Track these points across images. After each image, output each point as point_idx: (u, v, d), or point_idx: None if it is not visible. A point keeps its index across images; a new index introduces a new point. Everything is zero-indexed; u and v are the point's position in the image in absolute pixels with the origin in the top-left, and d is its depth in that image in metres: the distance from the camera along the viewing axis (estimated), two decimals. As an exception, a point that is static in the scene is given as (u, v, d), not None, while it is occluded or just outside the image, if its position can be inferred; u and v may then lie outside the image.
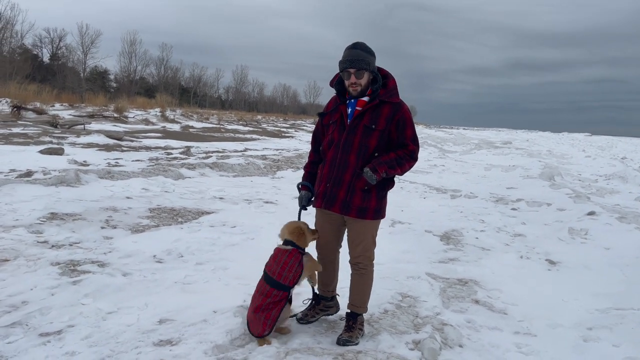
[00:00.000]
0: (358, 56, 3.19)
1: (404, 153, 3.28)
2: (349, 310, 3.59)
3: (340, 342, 3.40)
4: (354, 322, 3.53)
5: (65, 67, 60.49)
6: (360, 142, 3.28)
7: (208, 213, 7.41)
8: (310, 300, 3.82)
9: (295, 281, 3.38)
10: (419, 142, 3.44)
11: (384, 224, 7.22)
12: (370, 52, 3.26)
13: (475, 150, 28.47)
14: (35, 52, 60.55)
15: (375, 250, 5.71)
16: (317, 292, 3.77)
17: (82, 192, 7.67)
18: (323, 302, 3.76)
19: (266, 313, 3.29)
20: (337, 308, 3.86)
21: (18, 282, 4.15)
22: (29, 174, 8.61)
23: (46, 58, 63.33)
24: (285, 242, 3.48)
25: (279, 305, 3.32)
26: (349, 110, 3.35)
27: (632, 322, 4.12)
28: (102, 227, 6.06)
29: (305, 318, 3.73)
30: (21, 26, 57.78)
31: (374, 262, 3.61)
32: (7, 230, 5.44)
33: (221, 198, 8.74)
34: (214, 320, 3.67)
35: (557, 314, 4.39)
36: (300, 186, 3.69)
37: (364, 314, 3.64)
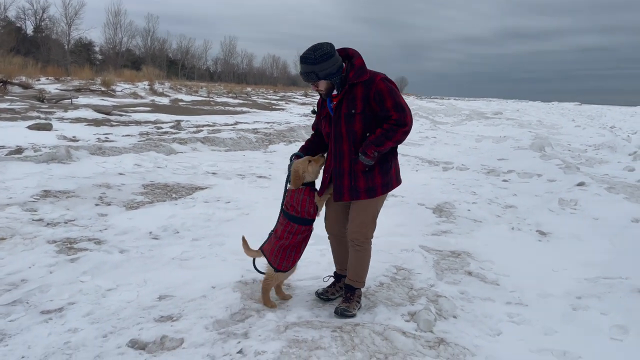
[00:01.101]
0: (304, 70, 3.26)
1: (389, 125, 3.25)
2: (347, 283, 3.66)
3: (338, 311, 3.50)
4: (351, 295, 3.61)
5: (49, 39, 59.07)
6: (347, 130, 3.32)
7: (202, 189, 7.42)
8: (330, 277, 3.90)
9: (316, 212, 3.59)
10: (407, 107, 3.34)
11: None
12: (317, 61, 3.20)
13: (467, 121, 28.50)
14: (19, 25, 59.04)
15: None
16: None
17: (73, 168, 7.63)
18: (343, 280, 3.80)
19: (296, 249, 3.57)
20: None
21: (16, 260, 4.18)
22: (19, 150, 8.52)
23: (30, 30, 61.81)
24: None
25: (306, 240, 3.63)
26: (329, 105, 3.45)
27: (620, 290, 4.24)
28: (97, 204, 6.06)
29: (326, 294, 3.79)
30: (3, -1, 56.04)
31: (372, 240, 3.65)
32: (1, 208, 5.42)
33: (214, 173, 8.73)
34: (213, 296, 3.73)
35: (548, 284, 4.50)
36: (293, 157, 3.72)
37: (361, 288, 3.71)
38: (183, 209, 6.17)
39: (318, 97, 3.59)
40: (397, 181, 3.58)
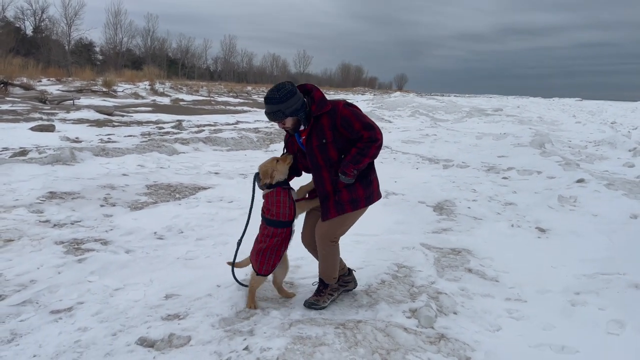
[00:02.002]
0: (271, 110, 3.34)
1: (363, 144, 3.40)
2: (320, 277, 3.77)
3: (306, 304, 3.66)
4: (323, 288, 3.74)
5: (49, 39, 59.08)
6: (323, 159, 3.44)
7: (204, 188, 7.50)
8: (316, 283, 3.96)
9: (294, 214, 3.60)
10: (375, 124, 3.48)
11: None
12: (282, 100, 3.30)
13: (467, 118, 28.51)
14: (18, 25, 59.05)
15: (370, 222, 5.84)
16: None
17: (78, 170, 7.71)
18: (341, 278, 3.89)
19: (275, 252, 3.57)
20: (355, 283, 4.02)
21: (24, 261, 4.26)
22: (23, 152, 8.61)
23: (29, 31, 61.83)
24: (268, 186, 3.61)
25: (285, 243, 3.61)
26: (299, 142, 3.57)
27: (618, 286, 4.32)
28: (102, 205, 6.14)
29: (318, 303, 3.79)
30: (2, -1, 56.07)
31: (338, 241, 3.69)
32: (8, 210, 5.51)
33: (216, 173, 8.81)
34: (218, 294, 3.81)
35: (546, 280, 4.58)
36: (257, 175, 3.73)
37: (335, 283, 3.79)
38: (187, 209, 6.25)
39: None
40: (378, 195, 3.67)
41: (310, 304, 3.65)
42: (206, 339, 3.13)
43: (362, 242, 5.26)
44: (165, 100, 28.48)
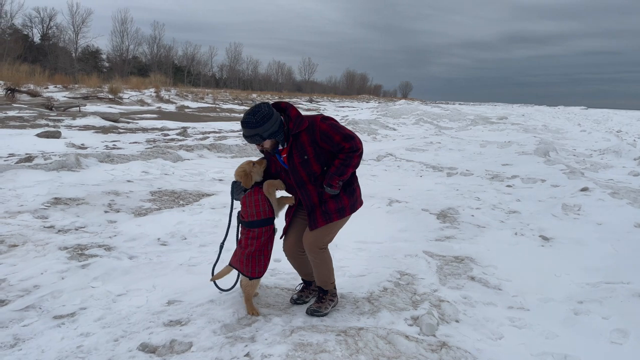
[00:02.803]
0: (249, 134, 3.37)
1: (345, 155, 3.44)
2: (318, 285, 3.78)
3: (309, 311, 3.66)
4: (323, 295, 3.75)
5: (56, 47, 59.73)
6: (307, 174, 3.48)
7: (208, 195, 7.53)
8: (301, 285, 4.01)
9: (272, 209, 3.61)
10: (354, 133, 3.53)
11: (381, 203, 7.39)
12: (259, 124, 3.32)
13: (471, 126, 28.52)
14: (26, 33, 59.70)
15: (373, 230, 5.84)
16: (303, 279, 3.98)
17: (83, 176, 7.76)
18: (314, 283, 3.93)
19: (263, 252, 3.59)
20: (337, 299, 3.91)
21: (28, 266, 4.29)
22: (29, 158, 8.67)
23: (37, 38, 62.50)
24: (244, 190, 3.66)
25: (271, 241, 3.64)
26: (280, 160, 3.60)
27: (621, 295, 4.30)
28: (106, 211, 6.18)
29: (301, 298, 3.90)
30: (10, 6, 56.84)
31: (327, 247, 3.71)
32: (13, 215, 5.55)
33: (220, 180, 8.85)
34: (220, 301, 3.81)
35: (550, 288, 4.56)
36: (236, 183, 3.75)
37: (334, 289, 3.80)
38: (190, 216, 6.27)
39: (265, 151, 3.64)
40: (360, 202, 3.72)
41: (312, 312, 3.65)
42: (208, 345, 3.14)
43: (365, 250, 5.27)
44: (171, 108, 28.63)
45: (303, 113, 3.54)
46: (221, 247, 3.86)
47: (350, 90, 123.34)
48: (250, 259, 3.58)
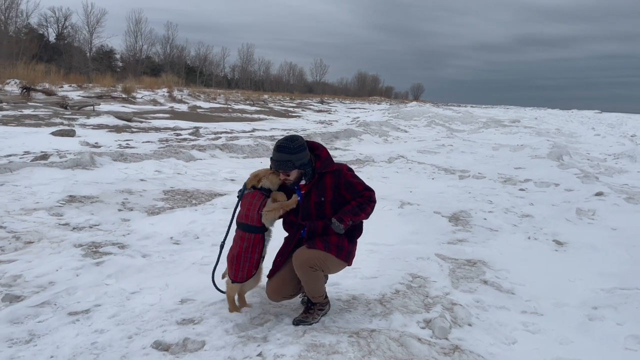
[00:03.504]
0: (281, 158, 3.41)
1: (362, 200, 3.51)
2: (308, 296, 3.66)
3: (295, 321, 3.53)
4: (312, 305, 3.64)
5: (71, 46, 60.40)
6: (317, 215, 3.50)
7: (220, 195, 7.57)
8: (304, 296, 3.85)
9: (260, 218, 3.49)
10: (372, 187, 3.60)
11: (392, 205, 7.37)
12: (294, 151, 3.40)
13: (483, 129, 28.33)
14: (41, 32, 60.46)
15: (385, 232, 5.83)
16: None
17: (97, 174, 7.84)
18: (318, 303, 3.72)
19: (248, 259, 3.51)
20: (329, 306, 3.77)
21: (44, 263, 4.34)
22: (44, 156, 8.77)
23: (52, 38, 63.26)
24: (252, 188, 3.60)
25: (257, 251, 3.53)
26: (298, 192, 3.57)
27: (637, 301, 4.24)
28: (119, 210, 6.23)
29: (307, 320, 3.56)
30: (26, 5, 57.46)
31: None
32: (28, 213, 5.62)
33: (232, 180, 8.89)
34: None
35: (563, 293, 4.52)
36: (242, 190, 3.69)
37: (324, 299, 3.67)
38: (203, 215, 6.30)
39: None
40: (353, 257, 3.66)
41: (299, 321, 3.52)
42: (220, 345, 3.16)
43: (377, 252, 5.26)
44: (183, 107, 28.81)
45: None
46: (221, 247, 3.76)
47: (361, 92, 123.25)
48: (234, 262, 3.53)
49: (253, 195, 3.56)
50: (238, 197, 3.69)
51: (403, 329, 3.50)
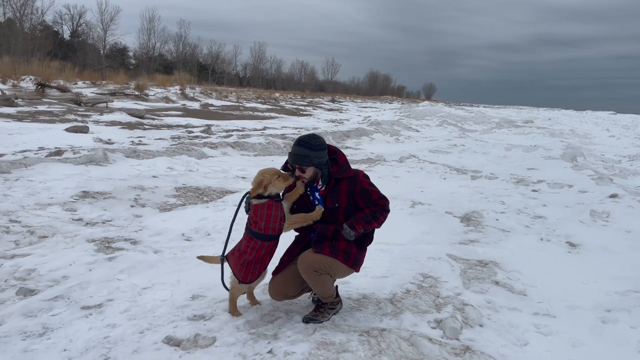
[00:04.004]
0: (300, 153, 3.38)
1: (377, 207, 3.48)
2: (318, 297, 3.65)
3: (305, 319, 3.53)
4: (323, 304, 3.62)
5: (85, 44, 60.96)
6: (330, 222, 3.46)
7: (232, 192, 7.59)
8: (314, 295, 3.81)
9: (282, 228, 3.46)
10: (386, 196, 3.58)
11: (404, 205, 7.34)
12: (314, 148, 3.37)
13: (496, 129, 28.12)
14: (56, 29, 61.12)
15: (396, 231, 5.81)
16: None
17: (110, 170, 7.91)
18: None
19: (261, 262, 3.49)
20: (341, 305, 3.77)
21: (57, 257, 4.39)
22: (59, 152, 8.87)
23: (66, 35, 63.90)
24: (258, 197, 3.40)
25: (271, 254, 3.53)
26: (312, 197, 3.54)
27: (651, 305, 4.19)
28: (132, 206, 6.28)
29: (317, 318, 3.55)
30: (41, 3, 58.23)
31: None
32: (43, 208, 5.68)
33: (244, 177, 8.91)
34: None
35: (577, 296, 4.47)
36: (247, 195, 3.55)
37: (335, 298, 3.65)
38: (214, 212, 6.33)
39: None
40: (361, 264, 3.62)
41: (309, 319, 3.52)
42: (231, 341, 3.17)
43: (387, 251, 5.24)
44: (195, 105, 28.96)
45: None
46: (222, 260, 3.61)
47: (373, 91, 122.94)
48: (246, 266, 3.48)
49: (269, 207, 3.37)
50: (245, 208, 3.52)
51: (414, 329, 3.49)
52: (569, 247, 5.95)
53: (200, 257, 3.85)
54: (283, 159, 12.58)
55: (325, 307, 3.61)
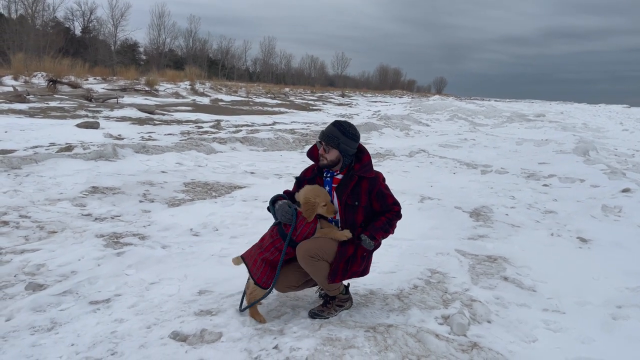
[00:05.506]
0: (331, 132, 3.41)
1: (392, 215, 3.49)
2: (324, 291, 3.64)
3: (310, 314, 3.53)
4: (330, 299, 3.62)
5: (96, 40, 61.37)
6: (346, 219, 3.43)
7: (240, 187, 7.60)
8: (320, 289, 3.82)
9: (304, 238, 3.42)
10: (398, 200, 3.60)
11: (412, 199, 7.30)
12: (346, 134, 3.41)
13: (507, 123, 27.87)
14: (67, 25, 61.54)
15: (404, 227, 5.78)
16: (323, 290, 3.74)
17: (119, 166, 7.95)
18: (338, 297, 3.66)
19: (275, 266, 3.40)
20: (351, 302, 3.75)
21: (66, 252, 4.42)
22: (69, 148, 8.93)
23: (78, 31, 64.34)
24: (294, 213, 3.41)
25: (283, 259, 3.42)
26: (327, 187, 3.49)
27: (663, 301, 4.12)
28: (141, 201, 6.31)
29: (323, 314, 3.55)
30: (53, -1, 58.51)
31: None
32: (53, 203, 5.73)
33: (252, 172, 8.92)
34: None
35: (587, 291, 4.42)
36: (276, 198, 3.57)
37: (342, 293, 3.64)
38: (222, 207, 6.34)
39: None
40: (368, 271, 3.62)
41: (314, 314, 3.51)
42: (237, 336, 3.17)
43: (395, 246, 5.21)
44: (205, 100, 29.03)
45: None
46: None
47: (383, 85, 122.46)
48: (264, 266, 3.41)
49: (314, 221, 3.39)
50: (283, 219, 3.45)
51: (420, 325, 3.46)
52: (580, 243, 5.88)
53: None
54: (292, 153, 12.63)
55: (332, 303, 3.60)
